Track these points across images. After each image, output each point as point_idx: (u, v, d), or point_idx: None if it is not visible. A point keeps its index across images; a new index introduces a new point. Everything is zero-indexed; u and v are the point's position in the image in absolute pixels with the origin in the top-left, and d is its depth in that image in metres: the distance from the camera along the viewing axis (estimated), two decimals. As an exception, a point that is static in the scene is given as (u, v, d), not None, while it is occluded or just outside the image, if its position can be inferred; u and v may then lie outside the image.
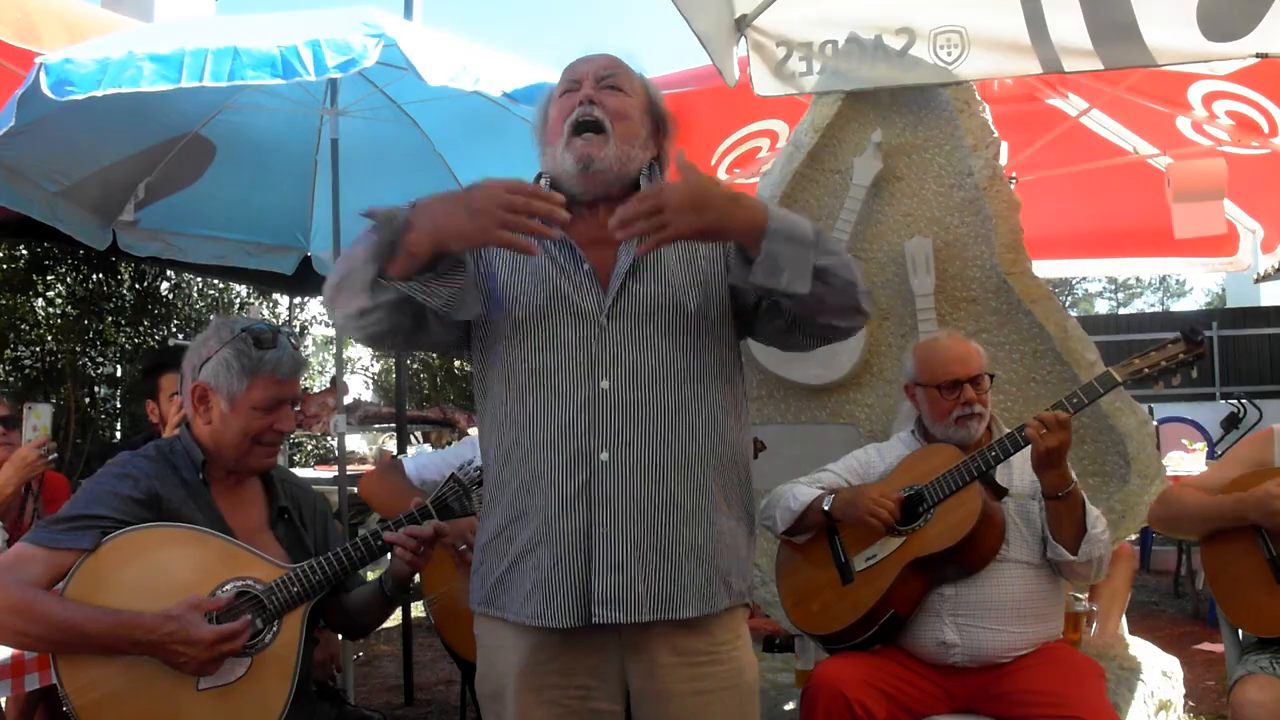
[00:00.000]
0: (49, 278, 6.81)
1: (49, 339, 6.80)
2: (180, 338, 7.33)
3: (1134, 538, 3.97)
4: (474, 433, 1.85)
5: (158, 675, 1.79)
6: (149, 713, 1.80)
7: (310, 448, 9.86)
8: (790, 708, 2.98)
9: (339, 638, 2.73)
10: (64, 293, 6.90)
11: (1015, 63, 3.06)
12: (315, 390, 8.97)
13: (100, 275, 6.92)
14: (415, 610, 4.98)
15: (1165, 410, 7.67)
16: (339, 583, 2.00)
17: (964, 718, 2.32)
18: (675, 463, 1.68)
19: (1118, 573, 3.51)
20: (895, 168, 3.34)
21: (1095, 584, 2.68)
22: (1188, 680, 3.35)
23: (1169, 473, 3.32)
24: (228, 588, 1.87)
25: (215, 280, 7.97)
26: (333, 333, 5.31)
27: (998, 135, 3.31)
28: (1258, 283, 9.72)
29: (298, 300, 9.55)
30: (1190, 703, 3.69)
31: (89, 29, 3.63)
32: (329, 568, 1.95)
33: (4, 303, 6.59)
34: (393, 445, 6.71)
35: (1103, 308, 24.33)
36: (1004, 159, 4.59)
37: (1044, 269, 5.42)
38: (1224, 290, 16.74)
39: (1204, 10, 2.79)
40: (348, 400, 8.00)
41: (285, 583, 1.91)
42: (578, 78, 1.80)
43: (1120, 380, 2.39)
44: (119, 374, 7.47)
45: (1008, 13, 3.00)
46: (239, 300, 8.65)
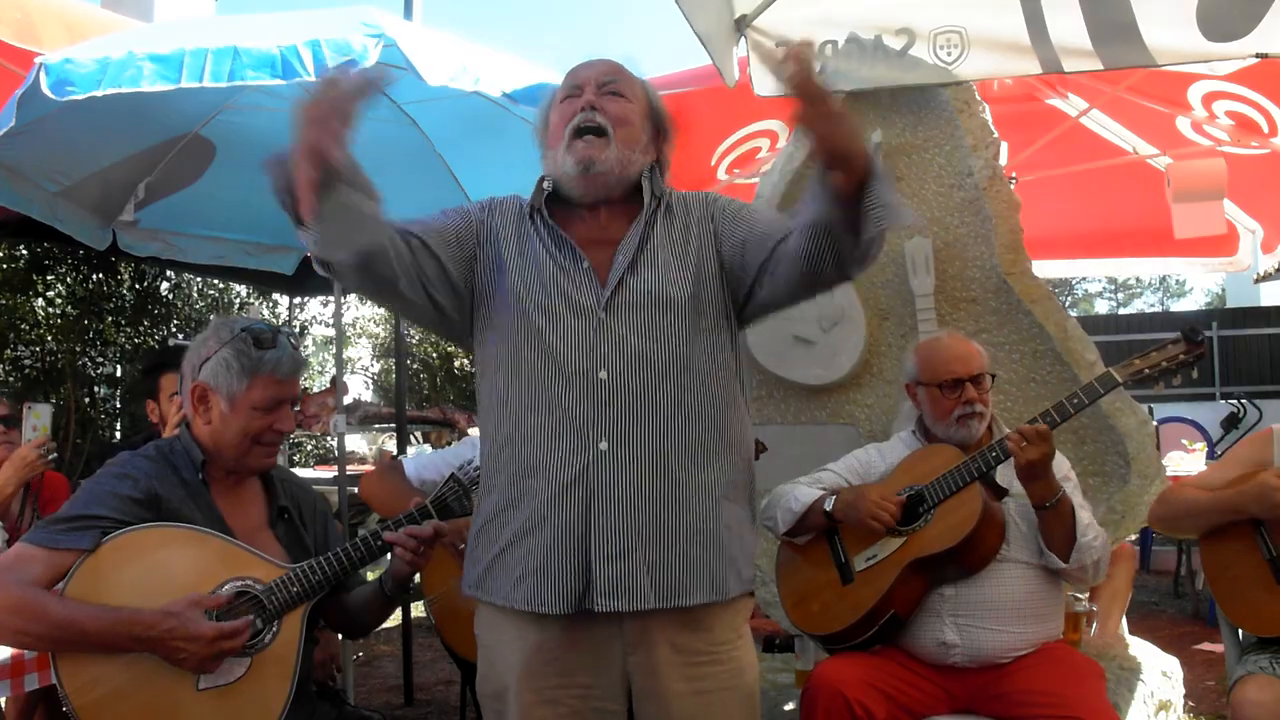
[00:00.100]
0: (49, 278, 6.81)
1: (49, 339, 6.79)
2: (180, 338, 7.33)
3: (1134, 538, 3.97)
4: (474, 433, 1.86)
5: (157, 675, 1.79)
6: (149, 712, 1.80)
7: (310, 448, 9.87)
8: (790, 708, 2.98)
9: (339, 637, 2.73)
10: (64, 293, 6.90)
11: (1015, 63, 3.07)
12: (315, 390, 8.98)
13: (100, 275, 6.91)
14: (415, 610, 4.98)
15: (1165, 410, 7.67)
16: (339, 583, 2.00)
17: (964, 718, 2.32)
18: (676, 451, 1.69)
19: (1118, 573, 3.50)
20: (895, 168, 3.33)
21: (1095, 584, 2.69)
22: (1187, 680, 3.35)
23: (1169, 473, 3.31)
24: (227, 588, 1.87)
25: (215, 280, 7.97)
26: (333, 333, 5.30)
27: (997, 135, 3.31)
28: (1258, 283, 9.72)
29: (298, 300, 9.55)
30: (1190, 703, 3.69)
31: (89, 29, 3.62)
32: (329, 568, 1.95)
33: (4, 303, 6.59)
34: (393, 445, 6.71)
35: (1102, 308, 24.37)
36: (1004, 159, 4.59)
37: (1044, 269, 5.42)
38: (1224, 290, 16.76)
39: (1204, 10, 2.79)
40: (348, 400, 8.00)
41: (285, 583, 1.91)
42: (579, 83, 1.81)
43: (1121, 381, 2.39)
44: (119, 374, 7.47)
45: (1007, 13, 3.01)
46: (239, 300, 8.65)
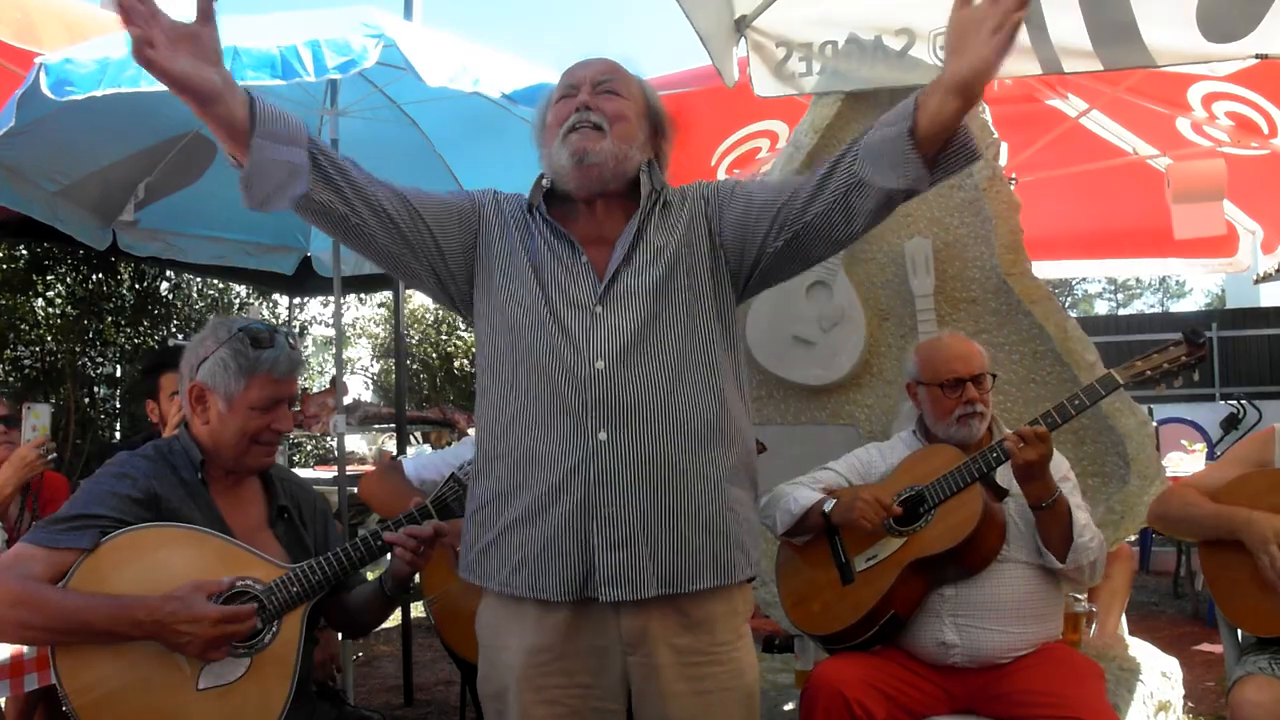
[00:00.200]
0: (49, 278, 6.80)
1: (49, 339, 6.79)
2: (180, 338, 7.32)
3: (1134, 538, 3.97)
4: (474, 433, 1.86)
5: (157, 675, 1.79)
6: (148, 713, 1.79)
7: (310, 448, 9.86)
8: (790, 708, 2.98)
9: (339, 637, 2.73)
10: (64, 293, 6.89)
11: (1015, 63, 3.06)
12: (315, 390, 8.98)
13: (100, 275, 6.91)
14: (415, 610, 4.98)
15: (1165, 411, 7.67)
16: (339, 583, 2.00)
17: (964, 718, 2.32)
18: (675, 440, 1.69)
19: (1116, 573, 3.50)
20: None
21: (1092, 585, 2.68)
22: (1187, 681, 3.35)
23: (1168, 473, 3.31)
24: (225, 582, 1.87)
25: (215, 280, 7.97)
26: (332, 333, 5.30)
27: (998, 136, 3.31)
28: (1257, 284, 9.73)
29: (297, 300, 9.55)
30: (1189, 703, 3.69)
31: (89, 29, 3.63)
32: (328, 568, 1.95)
33: (4, 303, 6.58)
34: (392, 446, 6.70)
35: (1102, 308, 24.41)
36: (1004, 159, 4.61)
37: (1044, 270, 5.43)
38: (1224, 291, 16.78)
39: (1204, 11, 2.79)
40: (347, 400, 8.00)
41: (285, 583, 1.91)
42: (575, 83, 1.81)
43: (1122, 383, 2.38)
44: (119, 374, 7.46)
45: (1007, 13, 3.00)
46: (239, 300, 8.65)
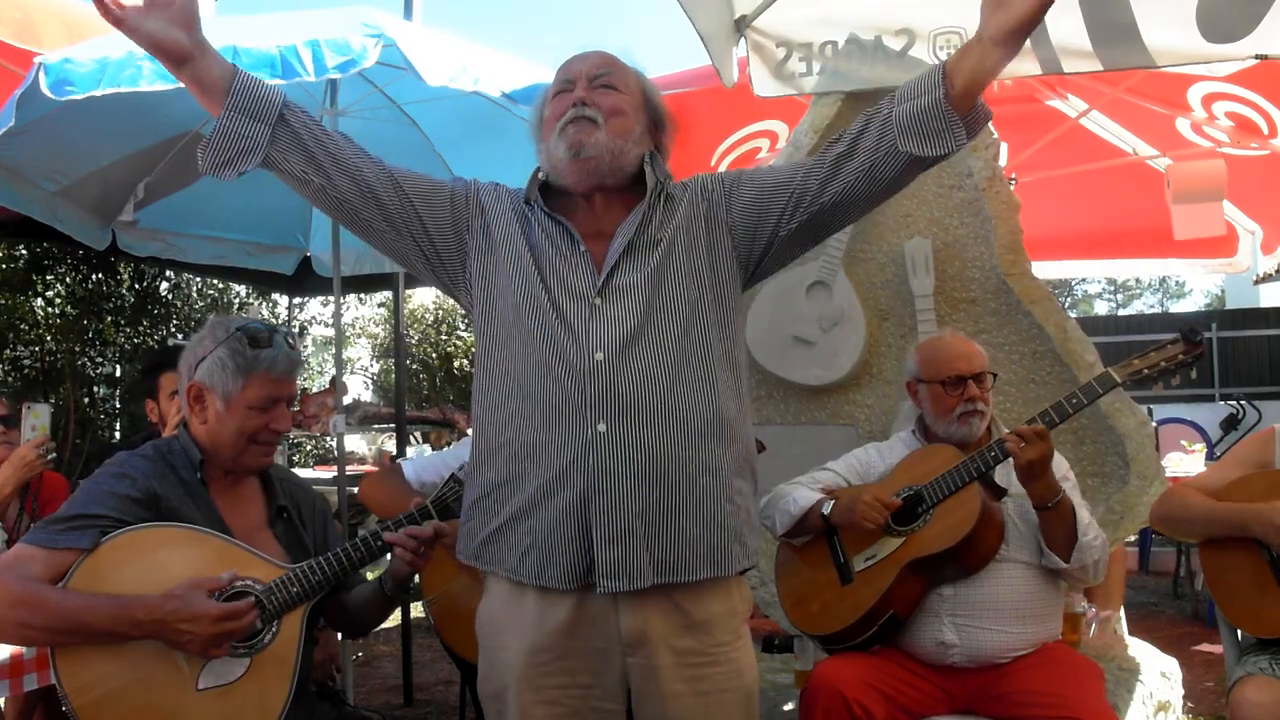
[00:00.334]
0: (48, 278, 6.80)
1: (48, 339, 6.79)
2: (180, 338, 7.33)
3: (1133, 538, 3.98)
4: (472, 422, 1.86)
5: (157, 675, 1.79)
6: (148, 713, 1.79)
7: (309, 448, 9.85)
8: (789, 708, 2.98)
9: (339, 637, 2.73)
10: (63, 293, 6.89)
11: (1015, 63, 3.01)
12: (314, 390, 8.98)
13: (100, 275, 6.91)
14: (415, 610, 4.98)
15: (1164, 411, 7.68)
16: (339, 583, 2.00)
17: (963, 718, 2.32)
18: (674, 432, 1.68)
19: (1111, 574, 3.50)
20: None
21: (1094, 585, 2.68)
22: (1187, 681, 3.35)
23: (1168, 474, 3.31)
24: (225, 578, 1.86)
25: (215, 280, 7.97)
26: (332, 333, 5.30)
27: (997, 136, 3.31)
28: (1257, 284, 9.73)
29: (297, 300, 9.55)
30: (1189, 704, 3.69)
31: (89, 29, 3.62)
32: (328, 568, 1.95)
33: (3, 303, 6.58)
34: (392, 446, 6.70)
35: (1102, 309, 24.42)
36: (1004, 160, 4.61)
37: (1043, 270, 5.42)
38: (1223, 292, 16.79)
39: (1203, 11, 2.79)
40: (347, 401, 7.99)
41: (284, 583, 1.91)
42: (571, 77, 1.80)
43: (1120, 381, 2.38)
44: (118, 374, 7.46)
45: (1007, 14, 3.00)
46: (238, 300, 8.65)
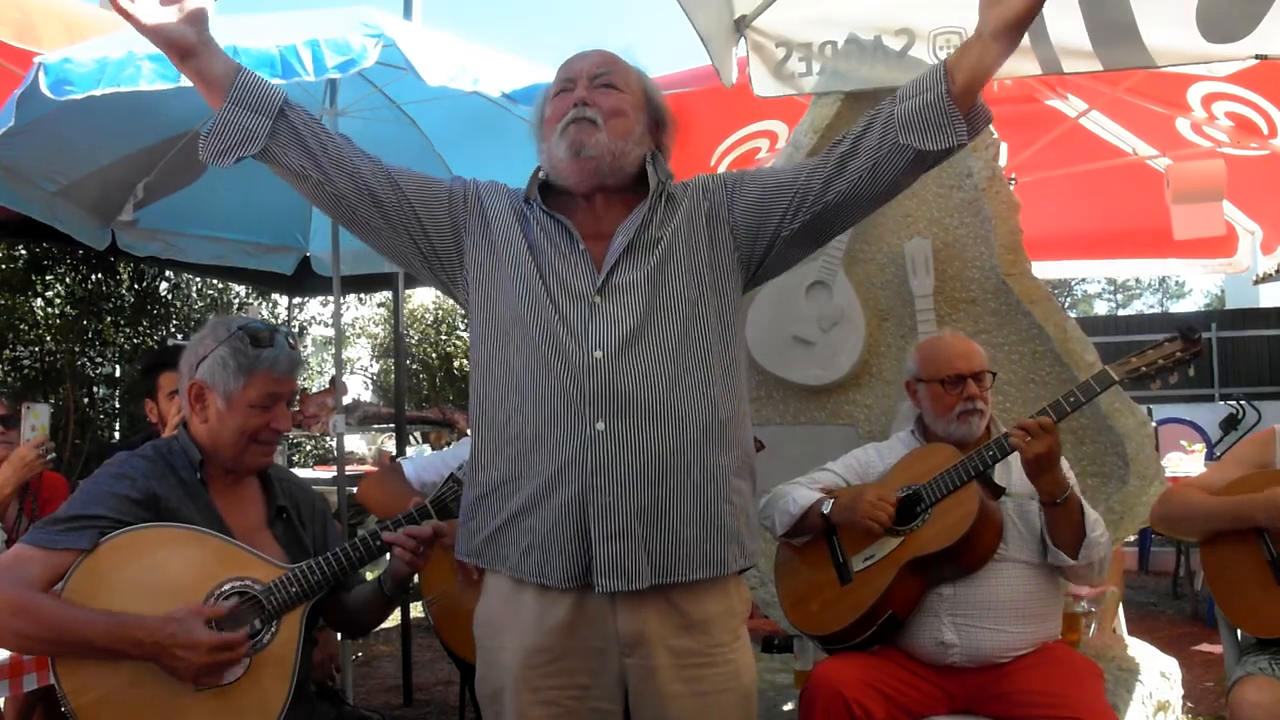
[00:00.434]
0: (48, 278, 6.80)
1: (48, 339, 6.78)
2: (179, 338, 7.32)
3: (1133, 539, 3.98)
4: (471, 421, 1.86)
5: (156, 675, 1.79)
6: (147, 713, 1.79)
7: (309, 448, 9.85)
8: (789, 708, 2.98)
9: (338, 637, 2.73)
10: (63, 293, 6.88)
11: (1014, 63, 3.04)
12: (314, 390, 8.97)
13: (99, 275, 6.90)
14: (414, 610, 4.97)
15: (1164, 411, 7.68)
16: (338, 583, 2.00)
17: (963, 718, 2.32)
18: (673, 431, 1.68)
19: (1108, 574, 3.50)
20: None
21: (1097, 582, 2.68)
22: (1186, 681, 3.35)
23: (1168, 474, 3.31)
24: (226, 588, 1.87)
25: (214, 280, 7.97)
26: (332, 333, 5.30)
27: (997, 136, 3.31)
28: (1257, 284, 9.73)
29: (297, 300, 9.55)
30: (1189, 704, 3.69)
31: (89, 29, 3.62)
32: (328, 568, 1.95)
33: (3, 303, 6.58)
34: (392, 446, 6.70)
35: (1102, 309, 24.43)
36: (1003, 160, 4.61)
37: (1043, 270, 5.42)
38: (1223, 292, 16.79)
39: (1203, 11, 2.79)
40: (347, 401, 7.98)
41: (284, 583, 1.91)
42: (572, 76, 1.80)
43: (1117, 379, 2.38)
44: (118, 374, 7.46)
45: (1007, 14, 3.00)
46: (238, 300, 8.65)
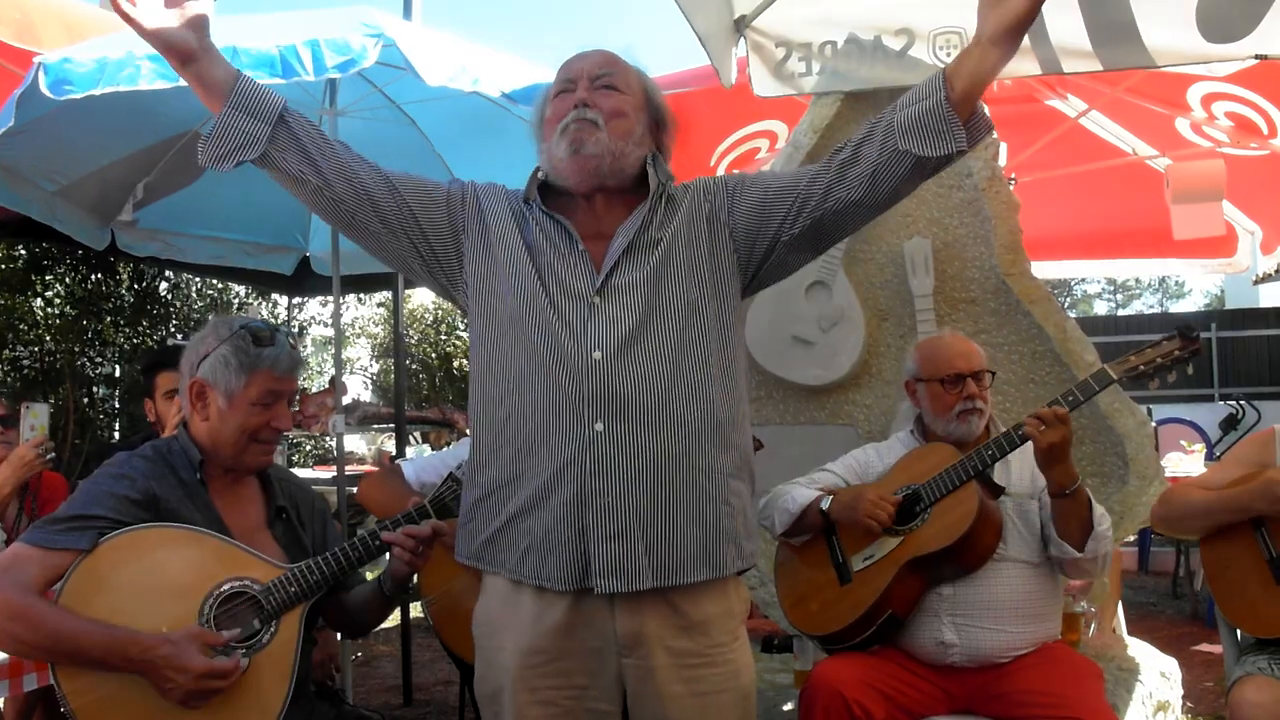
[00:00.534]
0: (47, 278, 6.79)
1: (47, 339, 6.78)
2: (179, 338, 7.32)
3: (1133, 539, 3.98)
4: (470, 422, 1.86)
5: (155, 675, 1.79)
6: (146, 713, 1.79)
7: (309, 448, 9.85)
8: (789, 708, 2.98)
9: (338, 637, 2.73)
10: (62, 293, 6.88)
11: (1014, 63, 3.02)
12: (314, 390, 8.97)
13: (99, 275, 6.90)
14: (414, 611, 4.97)
15: (1164, 411, 7.68)
16: (337, 583, 2.00)
17: (963, 718, 2.32)
18: (672, 432, 1.68)
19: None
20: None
21: (1099, 577, 2.68)
22: (1186, 681, 3.35)
23: (1167, 474, 3.31)
24: (225, 588, 1.87)
25: (214, 280, 7.97)
26: (332, 333, 5.30)
27: (997, 136, 3.31)
28: (1257, 284, 9.72)
29: (297, 300, 9.55)
30: (1188, 704, 3.69)
31: (89, 29, 3.62)
32: (327, 568, 1.95)
33: (2, 303, 6.58)
34: (391, 446, 6.70)
35: (1101, 309, 24.42)
36: (1003, 160, 4.61)
37: (1043, 270, 5.42)
38: (1223, 292, 16.78)
39: (1203, 11, 2.79)
40: (346, 401, 7.98)
41: (283, 583, 1.91)
42: (573, 77, 1.79)
43: (1116, 377, 2.38)
44: (117, 374, 7.46)
45: (1007, 14, 3.00)
46: (238, 300, 8.65)
